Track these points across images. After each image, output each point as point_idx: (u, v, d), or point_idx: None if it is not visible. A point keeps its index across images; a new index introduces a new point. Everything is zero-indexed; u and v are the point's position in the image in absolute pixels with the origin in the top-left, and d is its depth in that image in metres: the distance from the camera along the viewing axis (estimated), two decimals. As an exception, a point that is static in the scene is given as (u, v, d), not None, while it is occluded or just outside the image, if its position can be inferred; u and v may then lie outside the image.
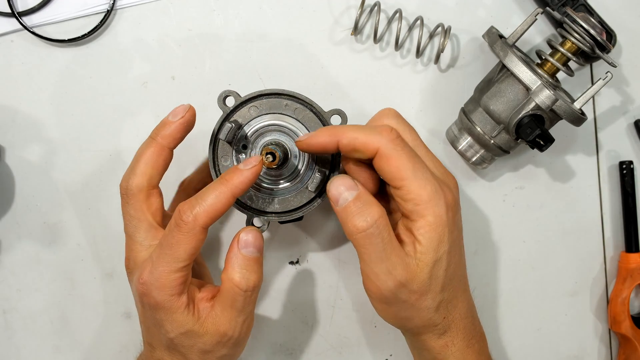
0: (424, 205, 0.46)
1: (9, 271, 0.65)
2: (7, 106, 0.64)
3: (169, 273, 0.46)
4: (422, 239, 0.47)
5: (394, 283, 0.47)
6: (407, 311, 0.49)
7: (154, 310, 0.48)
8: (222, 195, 0.46)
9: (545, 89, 0.53)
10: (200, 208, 0.46)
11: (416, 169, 0.46)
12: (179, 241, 0.46)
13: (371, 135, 0.46)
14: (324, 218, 0.64)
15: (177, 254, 0.46)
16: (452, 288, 0.50)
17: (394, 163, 0.46)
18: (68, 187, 0.64)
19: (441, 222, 0.46)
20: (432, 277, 0.47)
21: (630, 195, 0.63)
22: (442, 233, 0.47)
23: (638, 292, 0.66)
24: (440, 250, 0.47)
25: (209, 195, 0.46)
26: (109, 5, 0.62)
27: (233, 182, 0.46)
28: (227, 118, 0.52)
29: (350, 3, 0.63)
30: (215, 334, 0.48)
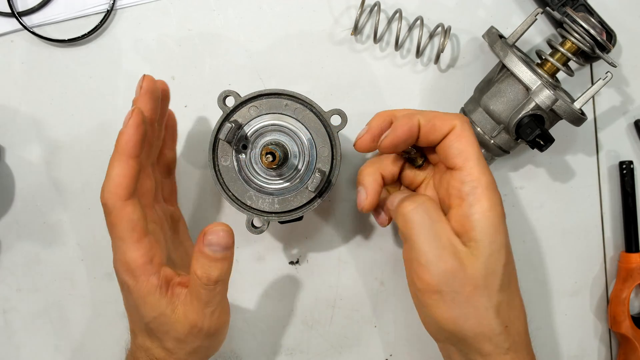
0: (482, 190, 0.46)
1: (9, 271, 0.65)
2: (7, 106, 0.64)
3: (126, 253, 0.47)
4: (476, 225, 0.45)
5: (445, 266, 0.44)
6: (461, 306, 0.45)
7: (128, 293, 0.49)
8: (122, 162, 0.47)
9: (545, 89, 0.53)
10: (110, 184, 0.47)
11: (480, 155, 0.47)
12: (113, 223, 0.47)
13: (447, 115, 0.48)
14: (324, 218, 0.64)
15: (119, 234, 0.47)
16: (511, 292, 0.47)
17: (465, 141, 0.47)
18: (68, 187, 0.64)
19: (496, 211, 0.46)
20: (487, 270, 0.45)
21: (630, 195, 0.63)
22: (498, 223, 0.45)
23: (638, 292, 0.66)
24: (497, 240, 0.45)
25: (110, 169, 0.47)
26: (108, 5, 0.62)
27: (121, 146, 0.47)
28: (227, 118, 0.52)
29: (350, 3, 0.63)
30: (185, 323, 0.48)
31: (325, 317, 0.65)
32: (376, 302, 0.65)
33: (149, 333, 0.50)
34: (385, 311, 0.65)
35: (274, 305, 0.65)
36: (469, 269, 0.44)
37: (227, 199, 0.53)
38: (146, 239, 0.48)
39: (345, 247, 0.65)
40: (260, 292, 0.65)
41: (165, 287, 0.48)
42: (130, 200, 0.47)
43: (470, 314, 0.45)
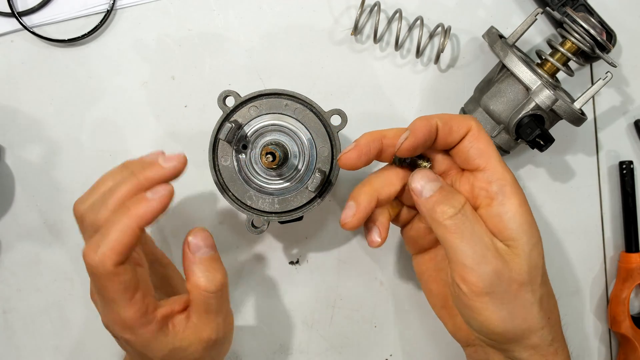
0: (510, 187, 0.45)
1: (9, 271, 0.65)
2: (7, 106, 0.64)
3: (119, 314, 0.43)
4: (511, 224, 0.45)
5: (491, 267, 0.44)
6: (509, 305, 0.44)
7: (129, 346, 0.46)
8: (127, 229, 0.42)
9: (545, 89, 0.53)
10: (105, 247, 0.41)
11: (498, 153, 0.47)
12: (102, 286, 0.42)
13: (462, 117, 0.47)
14: (324, 218, 0.64)
15: (110, 297, 0.43)
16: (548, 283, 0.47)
17: (484, 141, 0.46)
18: (68, 187, 0.64)
19: (528, 206, 0.46)
20: (530, 266, 0.45)
21: (630, 195, 0.63)
22: (531, 218, 0.45)
23: (638, 292, 0.66)
24: (534, 234, 0.45)
25: (112, 230, 0.42)
26: (109, 5, 0.62)
27: (138, 213, 0.42)
28: (227, 118, 0.52)
29: (350, 3, 0.63)
30: (199, 342, 0.47)
31: (325, 317, 0.65)
32: (376, 302, 0.65)
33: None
34: (385, 311, 0.65)
35: (274, 305, 0.65)
36: (514, 267, 0.44)
37: (227, 199, 0.53)
38: (138, 293, 0.44)
39: (345, 247, 0.65)
40: (260, 292, 0.65)
41: (165, 324, 0.46)
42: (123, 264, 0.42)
43: (517, 312, 0.45)
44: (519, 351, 0.47)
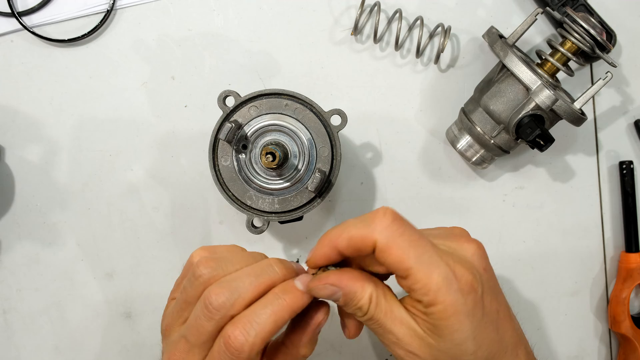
0: (433, 295, 0.40)
1: (9, 271, 0.65)
2: (7, 106, 0.64)
3: None
4: (435, 324, 0.42)
5: (403, 352, 0.43)
6: None
7: None
8: (281, 322, 0.40)
9: (545, 89, 0.53)
10: (257, 336, 0.40)
11: (420, 254, 0.40)
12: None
13: (365, 228, 0.41)
14: (324, 218, 0.64)
15: None
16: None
17: (395, 253, 0.40)
18: (68, 187, 0.64)
19: (454, 310, 0.41)
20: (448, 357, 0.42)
21: (630, 195, 0.63)
22: (457, 322, 0.41)
23: (638, 292, 0.66)
24: (458, 338, 0.42)
25: (267, 319, 0.40)
26: (109, 5, 0.62)
27: (291, 304, 0.41)
28: (227, 118, 0.52)
29: (350, 3, 0.63)
30: None
31: (325, 317, 0.65)
32: (376, 302, 0.65)
33: None
34: (385, 311, 0.65)
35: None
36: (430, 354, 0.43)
37: (227, 199, 0.53)
38: None
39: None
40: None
41: None
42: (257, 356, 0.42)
43: None
44: None
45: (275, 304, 0.41)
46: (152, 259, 0.64)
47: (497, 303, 0.44)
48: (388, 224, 0.41)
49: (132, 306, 0.65)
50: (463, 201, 0.64)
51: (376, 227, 0.41)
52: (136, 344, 0.65)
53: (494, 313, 0.44)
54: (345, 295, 0.43)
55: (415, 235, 0.41)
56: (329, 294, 0.43)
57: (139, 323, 0.65)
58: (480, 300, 0.42)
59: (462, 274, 0.41)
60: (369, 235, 0.40)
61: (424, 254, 0.40)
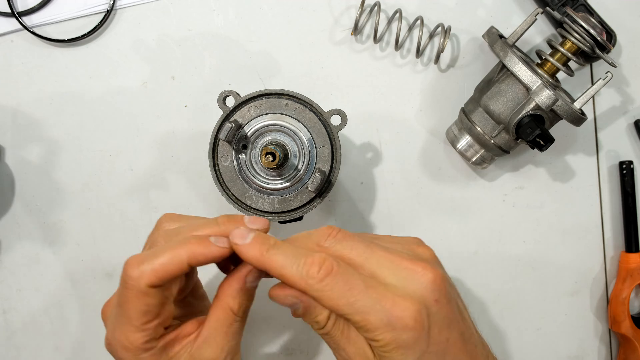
0: (372, 334, 0.42)
1: (9, 271, 0.65)
2: (7, 106, 0.64)
3: (128, 333, 0.42)
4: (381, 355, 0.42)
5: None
6: None
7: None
8: (177, 260, 0.41)
9: (545, 89, 0.53)
10: (149, 266, 0.41)
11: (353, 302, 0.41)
12: (127, 299, 0.41)
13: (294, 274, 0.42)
14: (324, 218, 0.64)
15: (128, 313, 0.42)
16: None
17: (327, 304, 0.42)
18: (68, 187, 0.64)
19: (396, 346, 0.41)
20: None
21: (630, 195, 0.63)
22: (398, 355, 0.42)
23: (638, 292, 0.66)
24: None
25: (163, 254, 0.41)
26: (109, 5, 0.62)
27: (194, 251, 0.42)
28: (227, 118, 0.52)
29: (350, 3, 0.63)
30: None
31: (325, 317, 0.65)
32: (376, 302, 0.65)
33: None
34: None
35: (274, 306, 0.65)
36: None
37: (227, 199, 0.53)
38: (155, 321, 0.43)
39: (345, 247, 0.65)
40: (260, 292, 0.65)
41: (170, 347, 0.44)
42: (156, 288, 0.42)
43: None
44: None
45: (178, 244, 0.42)
46: (152, 259, 0.64)
47: (447, 332, 0.44)
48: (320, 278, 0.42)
49: (132, 306, 0.65)
50: (463, 201, 0.64)
51: (307, 281, 0.42)
52: (136, 344, 0.65)
53: (442, 342, 0.43)
54: (305, 308, 0.44)
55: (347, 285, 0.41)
56: (290, 303, 0.44)
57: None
58: (425, 333, 0.42)
59: (402, 314, 0.41)
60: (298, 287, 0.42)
61: (357, 301, 0.41)
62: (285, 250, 0.44)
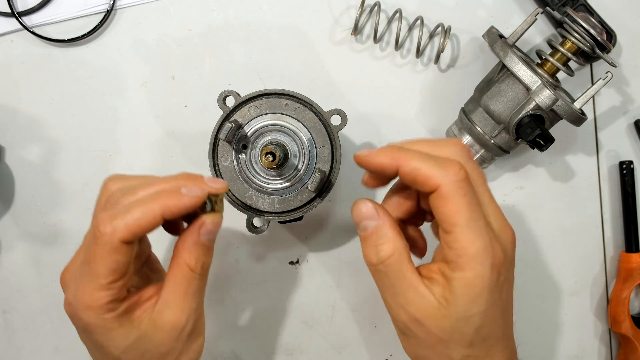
0: (467, 260, 0.41)
1: (9, 271, 0.65)
2: (7, 106, 0.64)
3: (93, 291, 0.41)
4: (454, 290, 0.42)
5: (407, 317, 0.44)
6: (424, 350, 0.45)
7: (87, 333, 0.43)
8: (151, 214, 0.41)
9: (545, 88, 0.53)
10: (122, 221, 0.40)
11: (472, 218, 0.41)
12: (96, 256, 0.41)
13: (436, 169, 0.41)
14: (324, 218, 0.64)
15: (97, 270, 0.41)
16: (485, 346, 0.45)
17: (451, 206, 0.41)
18: (68, 187, 0.64)
19: (480, 282, 0.42)
20: (456, 330, 0.43)
21: (630, 195, 0.63)
22: (478, 293, 0.42)
23: (638, 292, 0.66)
24: (471, 309, 0.42)
25: (136, 209, 0.41)
26: (109, 5, 0.62)
27: (167, 203, 0.41)
28: (227, 118, 0.52)
29: (350, 3, 0.63)
30: (167, 328, 0.44)
31: (325, 317, 0.65)
32: (376, 302, 0.65)
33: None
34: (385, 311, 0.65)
35: (274, 306, 0.65)
36: (435, 325, 0.43)
37: (227, 199, 0.53)
38: (120, 281, 0.42)
39: (345, 247, 0.65)
40: (260, 292, 0.65)
41: (131, 311, 0.44)
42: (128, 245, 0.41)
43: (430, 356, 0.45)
44: None
45: (149, 198, 0.41)
46: (152, 259, 0.64)
47: (508, 294, 0.45)
48: (459, 179, 0.41)
49: (132, 306, 0.65)
50: (463, 201, 0.64)
51: (447, 175, 0.40)
52: (136, 344, 0.65)
53: (505, 301, 0.45)
54: (377, 228, 0.43)
55: (474, 200, 0.41)
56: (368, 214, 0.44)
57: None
58: (501, 283, 0.43)
59: (497, 253, 0.42)
60: (435, 178, 0.41)
61: (476, 221, 0.41)
62: (417, 149, 0.42)
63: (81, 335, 0.45)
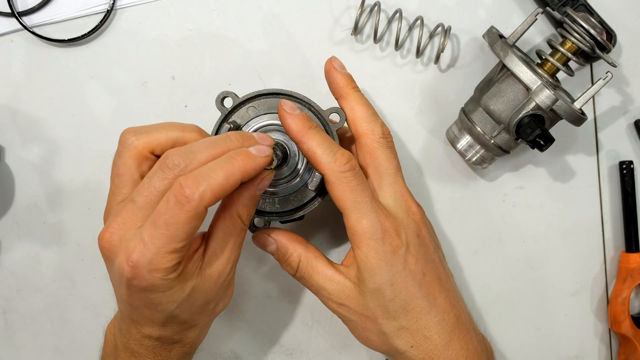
0: (358, 237, 0.48)
1: (9, 271, 0.65)
2: (7, 106, 0.64)
3: (165, 254, 0.42)
4: (359, 267, 0.49)
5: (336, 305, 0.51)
6: (363, 332, 0.51)
7: (145, 293, 0.43)
8: (232, 178, 0.42)
9: (545, 89, 0.53)
10: (208, 187, 0.40)
11: (357, 201, 0.48)
12: (179, 220, 0.41)
13: (325, 156, 0.47)
14: (324, 218, 0.64)
15: (175, 234, 0.41)
16: (411, 317, 0.50)
17: (336, 192, 0.48)
18: (68, 187, 0.64)
19: (374, 255, 0.48)
20: (374, 304, 0.49)
21: (630, 195, 0.63)
22: (375, 265, 0.48)
23: (638, 292, 0.66)
24: (376, 281, 0.48)
25: (219, 174, 0.41)
26: (109, 5, 0.62)
27: (244, 165, 0.43)
28: (226, 119, 0.52)
29: (350, 3, 0.63)
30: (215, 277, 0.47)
31: (325, 317, 0.65)
32: (376, 302, 0.65)
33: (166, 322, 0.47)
34: (385, 311, 0.65)
35: (274, 305, 0.65)
36: (353, 303, 0.50)
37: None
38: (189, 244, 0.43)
39: (346, 247, 0.65)
40: (260, 292, 0.65)
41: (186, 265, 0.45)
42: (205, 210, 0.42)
43: (373, 337, 0.51)
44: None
45: (228, 162, 0.42)
46: (152, 259, 0.64)
47: (423, 267, 0.50)
48: (343, 170, 0.47)
49: (132, 306, 0.65)
50: (463, 201, 0.64)
51: (334, 165, 0.47)
52: (136, 344, 0.65)
53: (418, 274, 0.50)
54: (278, 249, 0.52)
55: (359, 186, 0.48)
56: (265, 242, 0.52)
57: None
58: (401, 256, 0.49)
59: (387, 228, 0.48)
60: (324, 166, 0.47)
61: (360, 202, 0.47)
62: (323, 135, 0.48)
63: (133, 295, 0.44)
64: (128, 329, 0.49)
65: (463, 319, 0.52)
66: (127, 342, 0.49)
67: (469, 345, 0.51)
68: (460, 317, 0.52)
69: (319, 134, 0.48)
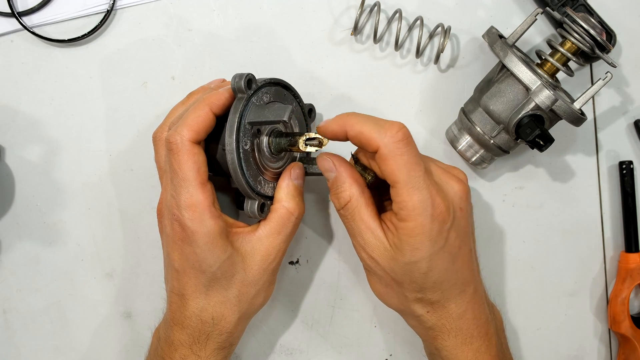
0: (407, 212, 0.47)
1: (9, 271, 0.65)
2: (7, 106, 0.64)
3: (193, 196, 0.48)
4: (401, 238, 0.48)
5: (366, 256, 0.51)
6: (384, 287, 0.52)
7: (191, 243, 0.49)
8: (202, 112, 0.49)
9: (545, 89, 0.53)
10: (183, 127, 0.49)
11: (410, 175, 0.47)
12: (180, 162, 0.49)
13: (375, 131, 0.46)
14: (324, 218, 0.64)
15: (185, 175, 0.48)
16: (439, 291, 0.50)
17: (391, 165, 0.47)
18: (68, 187, 0.64)
19: (421, 231, 0.47)
20: (406, 274, 0.49)
21: (630, 195, 0.63)
22: (420, 241, 0.47)
23: (638, 292, 0.66)
24: (415, 255, 0.48)
25: (189, 114, 0.50)
26: (109, 5, 0.62)
27: (210, 100, 0.50)
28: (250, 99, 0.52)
29: (350, 3, 0.63)
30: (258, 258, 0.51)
31: (325, 317, 0.65)
32: (376, 302, 0.65)
33: (209, 289, 0.51)
34: (385, 311, 0.65)
35: (274, 305, 0.65)
36: (388, 267, 0.50)
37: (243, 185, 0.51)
38: (208, 184, 0.50)
39: (345, 246, 0.65)
40: (260, 292, 0.65)
41: (231, 231, 0.51)
42: (198, 145, 0.49)
43: (392, 295, 0.52)
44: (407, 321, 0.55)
45: (195, 103, 0.51)
46: (152, 259, 0.64)
47: (460, 241, 0.50)
48: (396, 140, 0.46)
49: (132, 306, 0.65)
50: (463, 201, 0.64)
51: (385, 137, 0.46)
52: (136, 344, 0.65)
53: (455, 248, 0.50)
54: (336, 178, 0.51)
55: (413, 158, 0.47)
56: (327, 167, 0.51)
57: (139, 323, 0.65)
58: (446, 231, 0.48)
59: (438, 204, 0.47)
60: (376, 140, 0.46)
61: (414, 177, 0.47)
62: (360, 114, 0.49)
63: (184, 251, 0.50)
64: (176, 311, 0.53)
65: (479, 289, 0.53)
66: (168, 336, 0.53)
67: (480, 315, 0.53)
68: (478, 288, 0.53)
69: (358, 115, 0.48)
